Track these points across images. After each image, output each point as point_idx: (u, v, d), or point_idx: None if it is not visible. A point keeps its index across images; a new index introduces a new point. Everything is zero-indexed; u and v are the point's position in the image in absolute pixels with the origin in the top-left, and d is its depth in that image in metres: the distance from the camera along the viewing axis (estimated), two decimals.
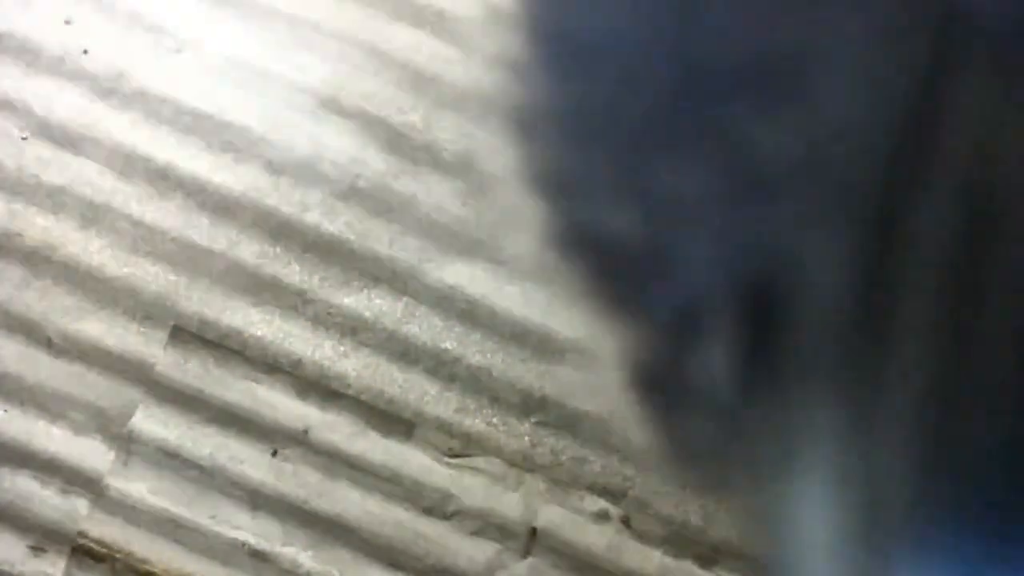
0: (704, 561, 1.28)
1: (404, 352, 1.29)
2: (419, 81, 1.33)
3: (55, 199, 1.30)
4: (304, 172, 1.31)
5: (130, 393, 1.28)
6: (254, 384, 1.28)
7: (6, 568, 1.27)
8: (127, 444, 1.28)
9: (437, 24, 1.35)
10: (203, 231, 1.30)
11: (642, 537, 1.28)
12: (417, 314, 1.30)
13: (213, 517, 1.27)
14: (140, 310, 1.29)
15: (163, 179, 1.30)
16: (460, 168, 1.32)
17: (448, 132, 1.33)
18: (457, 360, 1.29)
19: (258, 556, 1.27)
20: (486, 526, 1.28)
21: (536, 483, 1.29)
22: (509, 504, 1.28)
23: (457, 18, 1.35)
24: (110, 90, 1.31)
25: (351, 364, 1.29)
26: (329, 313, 1.29)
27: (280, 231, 1.30)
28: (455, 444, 1.29)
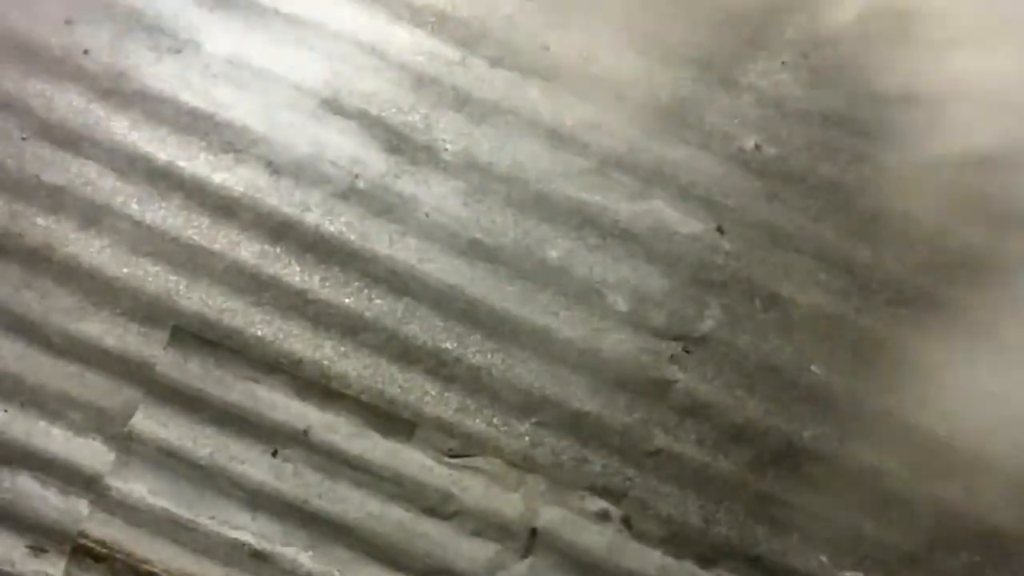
0: (704, 561, 1.28)
1: (404, 352, 1.29)
2: (419, 81, 1.34)
3: (55, 199, 1.30)
4: (304, 172, 1.31)
5: (130, 393, 1.28)
6: (254, 384, 1.28)
7: (6, 568, 1.27)
8: (127, 444, 1.28)
9: (437, 24, 1.35)
10: (203, 231, 1.30)
11: (642, 537, 1.28)
12: (417, 314, 1.30)
13: (213, 517, 1.27)
14: (140, 310, 1.29)
15: (163, 179, 1.30)
16: (460, 168, 1.32)
17: (448, 132, 1.33)
18: (457, 360, 1.29)
19: (258, 556, 1.27)
20: (486, 526, 1.28)
21: (536, 483, 1.29)
22: (509, 504, 1.28)
23: (457, 19, 1.36)
24: (110, 90, 1.32)
25: (351, 364, 1.29)
26: (329, 313, 1.29)
27: (280, 231, 1.30)
28: (455, 444, 1.29)
